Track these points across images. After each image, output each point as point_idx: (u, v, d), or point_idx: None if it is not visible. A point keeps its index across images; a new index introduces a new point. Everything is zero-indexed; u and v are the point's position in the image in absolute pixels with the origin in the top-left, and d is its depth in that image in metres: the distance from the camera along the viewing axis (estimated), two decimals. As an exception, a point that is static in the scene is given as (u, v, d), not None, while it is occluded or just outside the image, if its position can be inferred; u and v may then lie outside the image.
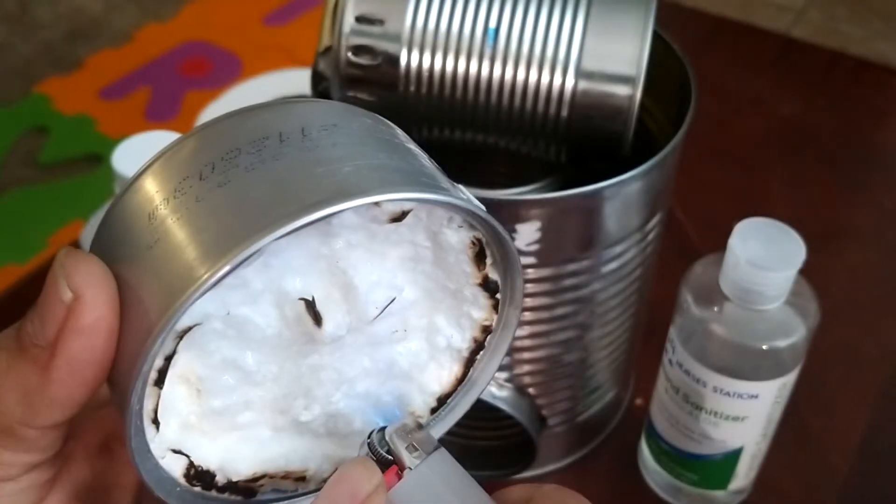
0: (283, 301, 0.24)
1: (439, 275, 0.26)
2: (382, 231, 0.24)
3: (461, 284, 0.26)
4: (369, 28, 0.42)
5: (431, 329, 0.27)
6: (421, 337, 0.27)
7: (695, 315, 0.46)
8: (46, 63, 1.71)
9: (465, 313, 0.27)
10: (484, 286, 0.26)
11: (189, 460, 0.25)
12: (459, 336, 0.27)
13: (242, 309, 0.23)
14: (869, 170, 0.80)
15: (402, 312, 0.26)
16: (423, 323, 0.27)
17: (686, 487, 0.52)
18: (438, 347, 0.27)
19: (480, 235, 0.25)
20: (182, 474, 0.25)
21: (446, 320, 0.27)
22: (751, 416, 0.47)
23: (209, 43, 1.76)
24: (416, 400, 0.27)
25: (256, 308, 0.24)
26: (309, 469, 0.27)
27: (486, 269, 0.26)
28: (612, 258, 0.45)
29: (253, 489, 0.26)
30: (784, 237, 0.44)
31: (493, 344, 0.27)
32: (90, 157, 1.50)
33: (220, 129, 0.23)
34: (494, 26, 0.42)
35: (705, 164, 0.75)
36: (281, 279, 0.23)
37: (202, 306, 0.22)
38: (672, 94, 0.47)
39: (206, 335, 0.23)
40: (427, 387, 0.27)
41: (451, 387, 0.27)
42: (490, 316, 0.27)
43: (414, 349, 0.27)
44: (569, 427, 0.54)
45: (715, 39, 0.93)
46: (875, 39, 1.55)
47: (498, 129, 0.44)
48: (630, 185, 0.41)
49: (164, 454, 0.24)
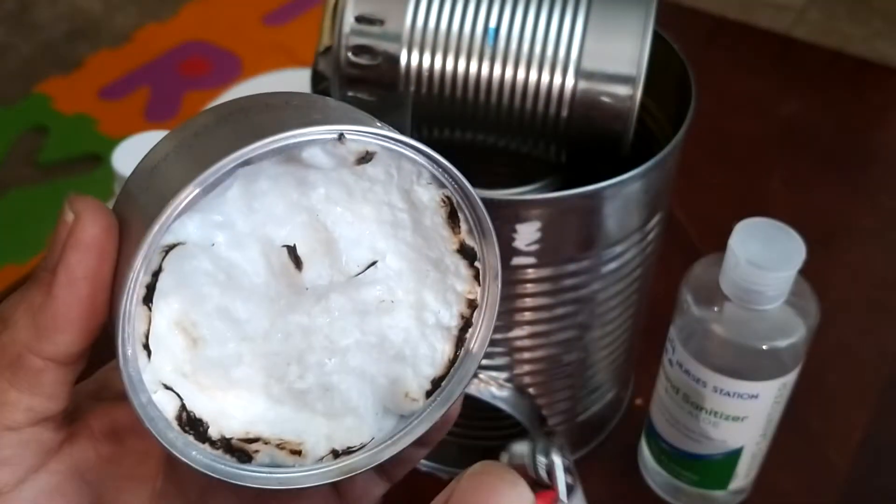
0: (268, 250, 0.26)
1: (420, 243, 0.27)
2: (358, 188, 0.26)
3: (441, 252, 0.27)
4: (369, 28, 0.42)
5: (419, 305, 0.28)
6: (409, 314, 0.28)
7: (695, 315, 0.46)
8: (46, 63, 1.71)
9: (450, 287, 0.27)
10: (462, 253, 0.27)
11: (181, 402, 0.25)
12: (447, 312, 0.28)
13: (231, 253, 0.25)
14: (869, 170, 0.80)
15: (387, 282, 0.27)
16: (410, 299, 0.27)
17: (686, 487, 0.52)
18: (427, 324, 0.28)
19: (449, 194, 0.27)
20: (174, 416, 0.25)
21: (433, 295, 0.28)
22: (751, 416, 0.47)
23: (209, 43, 1.76)
24: (412, 383, 0.28)
25: (244, 254, 0.25)
26: (305, 443, 0.27)
27: (461, 234, 0.27)
28: (612, 258, 0.45)
29: (247, 452, 0.26)
30: (784, 237, 0.44)
31: (481, 321, 0.28)
32: (90, 156, 1.50)
33: (225, 104, 0.27)
34: (494, 26, 0.42)
35: (705, 164, 0.75)
36: (265, 226, 0.25)
37: (185, 227, 0.24)
38: (672, 94, 0.47)
39: (196, 275, 0.25)
40: (420, 369, 0.28)
41: (444, 369, 0.28)
42: (473, 288, 0.27)
43: (403, 325, 0.27)
44: (569, 427, 0.54)
45: (715, 39, 0.93)
46: (875, 39, 1.55)
47: (498, 129, 0.44)
48: (630, 185, 0.41)
49: (157, 388, 0.25)
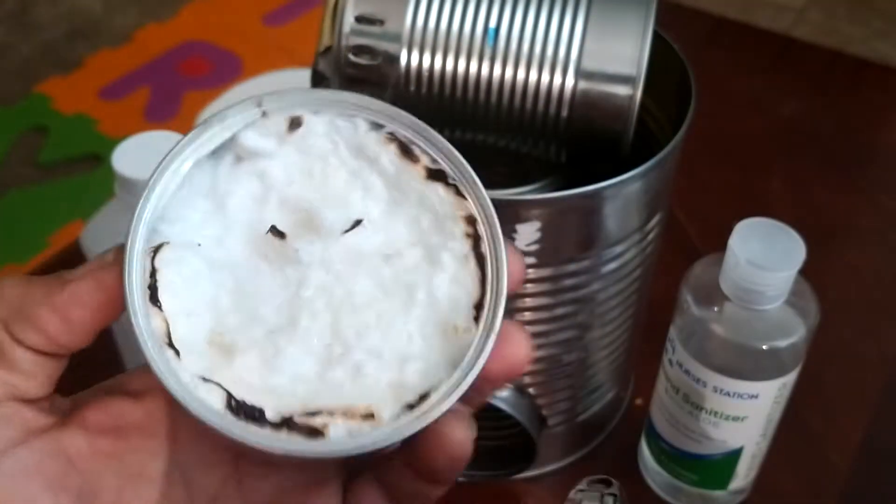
0: (254, 239, 0.27)
1: (395, 194, 0.27)
2: (316, 167, 0.27)
3: (415, 189, 0.27)
4: (369, 28, 0.42)
5: (427, 249, 0.27)
6: (421, 258, 0.27)
7: (695, 315, 0.46)
8: (46, 63, 1.71)
9: (441, 216, 0.27)
10: (432, 177, 0.27)
11: (226, 392, 0.25)
12: (455, 242, 0.27)
13: (220, 252, 0.26)
14: (869, 170, 0.80)
15: (386, 236, 0.27)
16: (415, 251, 0.27)
17: (686, 487, 0.52)
18: (442, 262, 0.27)
19: (391, 130, 0.27)
20: (224, 406, 0.25)
21: (434, 234, 0.27)
22: (751, 416, 0.47)
23: (209, 43, 1.76)
24: (455, 315, 0.26)
25: (231, 250, 0.27)
26: (373, 405, 0.25)
27: (421, 161, 0.27)
28: (612, 258, 0.45)
29: (315, 427, 0.25)
30: (784, 237, 0.44)
31: (486, 230, 0.27)
32: (90, 156, 1.50)
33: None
34: (494, 26, 0.42)
35: (705, 164, 0.75)
36: (241, 221, 0.27)
37: (163, 231, 0.26)
38: (672, 94, 0.47)
39: (202, 283, 0.26)
40: (458, 300, 0.27)
41: (479, 289, 0.27)
42: (461, 203, 0.27)
43: (419, 268, 0.27)
44: (569, 427, 0.54)
45: (715, 39, 0.93)
46: (875, 39, 1.55)
47: (498, 128, 0.44)
48: (630, 185, 0.41)
49: (196, 383, 0.25)
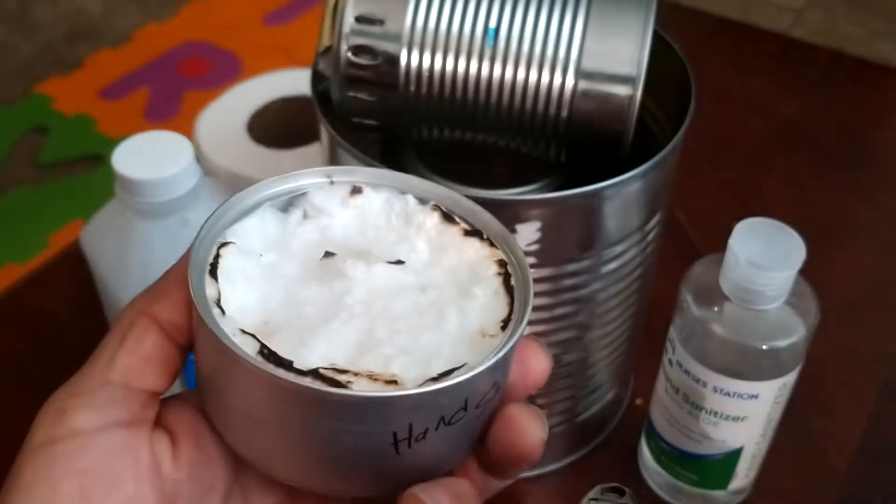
0: (308, 265, 0.29)
1: (437, 250, 0.30)
2: (370, 230, 0.31)
3: (456, 245, 0.30)
4: (369, 28, 0.42)
5: (460, 287, 0.29)
6: (455, 293, 0.29)
7: (695, 315, 0.46)
8: (46, 63, 1.71)
9: (476, 263, 0.30)
10: (469, 234, 0.30)
11: (261, 343, 0.26)
12: (486, 281, 0.29)
13: (273, 268, 0.29)
14: (869, 170, 0.80)
15: (425, 277, 0.29)
16: (451, 290, 0.29)
17: (686, 487, 0.52)
18: (474, 294, 0.29)
19: (436, 202, 0.31)
20: (256, 353, 0.26)
21: (468, 278, 0.29)
22: (751, 415, 0.47)
23: (209, 43, 1.76)
24: (488, 327, 0.28)
25: (283, 270, 0.29)
26: (398, 374, 0.26)
27: (460, 224, 0.31)
28: (612, 258, 0.45)
29: (340, 382, 0.25)
30: (784, 237, 0.44)
31: (518, 272, 0.29)
32: (90, 157, 1.50)
33: None
34: (494, 26, 0.42)
35: (705, 164, 0.75)
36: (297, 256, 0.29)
37: (237, 234, 0.29)
38: (672, 94, 0.47)
39: (249, 274, 0.28)
40: (487, 319, 0.28)
41: (507, 310, 0.28)
42: (493, 251, 0.30)
43: (451, 297, 0.29)
44: (569, 427, 0.54)
45: (715, 39, 0.93)
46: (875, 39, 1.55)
47: (498, 129, 0.44)
48: (630, 185, 0.41)
49: (234, 332, 0.26)
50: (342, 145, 0.42)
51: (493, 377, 0.27)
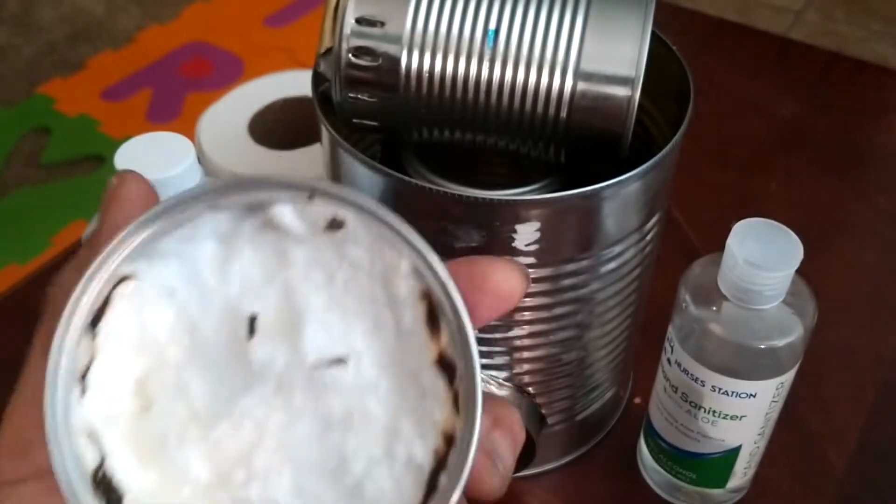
0: (232, 317, 0.25)
1: (400, 352, 0.24)
2: (340, 274, 0.24)
3: (419, 363, 0.24)
4: (370, 30, 0.42)
5: (392, 431, 0.24)
6: (379, 439, 0.24)
7: (693, 314, 0.47)
8: (49, 64, 1.71)
9: (428, 412, 0.24)
10: (441, 365, 0.24)
11: (101, 460, 0.23)
12: (421, 447, 0.24)
13: (194, 310, 0.24)
14: (867, 170, 0.80)
15: (361, 390, 0.24)
16: (383, 420, 0.24)
17: (684, 486, 0.53)
18: (398, 459, 0.24)
19: (429, 288, 0.24)
20: (91, 472, 0.22)
21: (409, 422, 0.24)
22: (749, 414, 0.48)
23: (210, 44, 1.76)
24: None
25: (207, 314, 0.25)
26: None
27: (441, 340, 0.24)
28: (611, 258, 0.45)
29: None
30: (782, 237, 0.44)
31: (457, 464, 0.23)
32: (92, 157, 1.51)
33: None
34: (494, 28, 0.42)
35: (704, 165, 0.75)
36: (235, 290, 0.25)
37: (137, 262, 0.24)
38: (671, 95, 0.47)
39: (159, 328, 0.24)
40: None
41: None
42: (451, 419, 0.24)
43: (369, 453, 0.24)
44: (568, 426, 0.54)
45: (713, 41, 0.93)
46: (873, 40, 1.55)
47: (498, 129, 0.44)
48: (629, 186, 0.42)
49: (81, 434, 0.23)
50: (343, 146, 0.43)
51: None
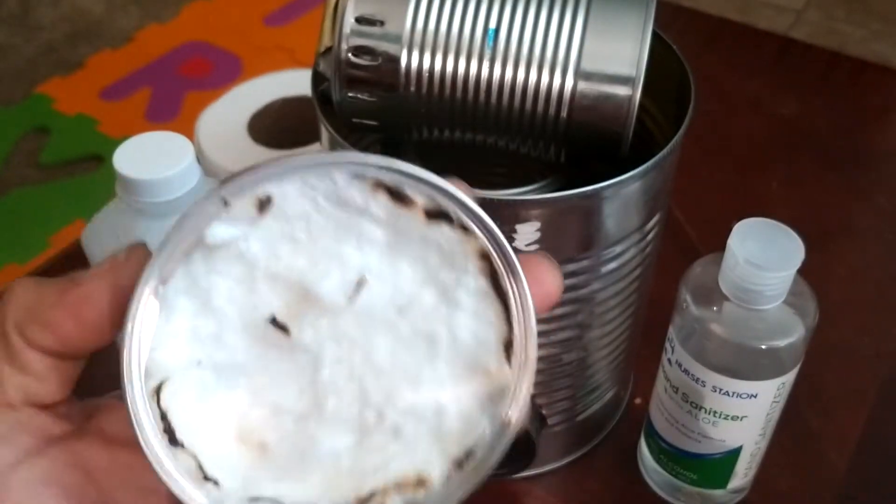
0: (253, 328, 0.25)
1: (394, 238, 0.25)
2: (285, 233, 0.24)
3: (418, 232, 0.24)
4: (370, 29, 0.42)
5: (439, 286, 0.25)
6: (435, 299, 0.25)
7: (694, 315, 0.47)
8: (48, 64, 1.71)
9: (449, 252, 0.24)
10: (434, 216, 0.24)
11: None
12: (469, 278, 0.25)
13: (218, 354, 0.24)
14: (868, 170, 0.80)
15: (393, 283, 0.25)
16: (429, 294, 0.25)
17: (685, 486, 0.53)
18: (459, 301, 0.25)
19: (376, 177, 0.24)
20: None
21: (443, 268, 0.25)
22: (750, 415, 0.48)
23: (209, 44, 1.76)
24: (486, 357, 0.25)
25: (229, 348, 0.25)
26: (423, 471, 0.25)
27: (417, 203, 0.24)
28: (612, 258, 0.45)
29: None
30: (783, 237, 0.44)
31: (504, 267, 0.25)
32: (91, 157, 1.51)
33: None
34: (494, 27, 0.42)
35: (705, 165, 0.75)
36: (232, 316, 0.24)
37: (159, 359, 0.24)
38: (671, 94, 0.47)
39: (201, 391, 0.24)
40: (484, 339, 0.25)
41: (506, 327, 0.25)
42: (469, 238, 0.24)
43: (434, 309, 0.25)
44: (569, 426, 0.54)
45: (714, 40, 0.93)
46: (874, 40, 1.55)
47: (497, 129, 0.44)
48: (629, 186, 0.42)
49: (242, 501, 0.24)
50: (342, 146, 0.43)
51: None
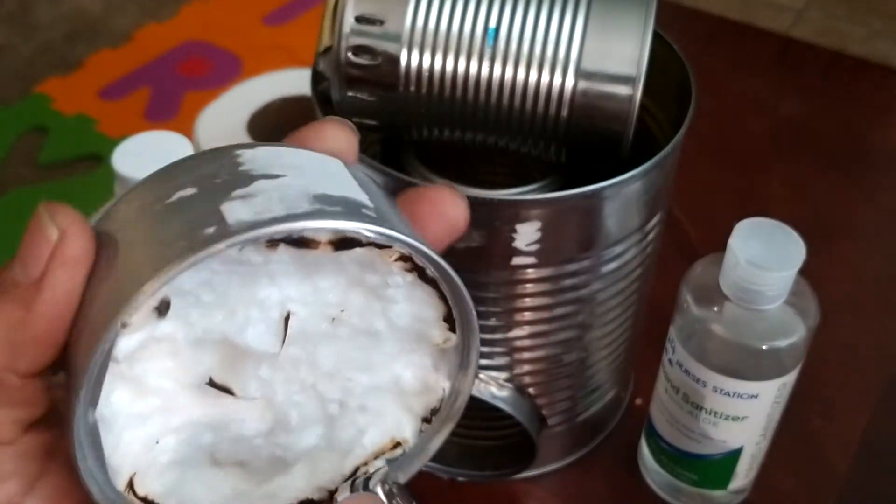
0: (198, 389, 0.25)
1: (305, 268, 0.24)
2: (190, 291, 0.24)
3: (327, 259, 0.24)
4: (369, 28, 0.42)
5: (366, 286, 0.25)
6: (364, 298, 0.25)
7: (695, 315, 0.46)
8: (46, 63, 1.71)
9: (366, 263, 0.25)
10: (341, 245, 0.23)
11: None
12: (395, 277, 0.25)
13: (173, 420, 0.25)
14: (869, 170, 0.80)
15: (316, 301, 0.25)
16: (358, 294, 0.25)
17: (686, 487, 0.52)
18: (389, 295, 0.26)
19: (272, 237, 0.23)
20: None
21: (366, 272, 0.25)
22: (750, 415, 0.47)
23: (209, 43, 1.76)
24: (432, 329, 0.26)
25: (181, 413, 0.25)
26: (395, 436, 0.27)
27: (321, 240, 0.23)
28: (612, 258, 0.45)
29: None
30: (784, 237, 0.44)
31: (429, 264, 0.25)
32: (90, 157, 1.50)
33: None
34: (494, 26, 0.42)
35: (705, 164, 0.75)
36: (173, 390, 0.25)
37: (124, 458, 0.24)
38: (672, 94, 0.47)
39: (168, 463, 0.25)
40: (424, 317, 0.26)
41: (443, 305, 0.26)
42: (384, 252, 0.24)
43: (366, 307, 0.25)
44: (569, 427, 0.54)
45: (715, 39, 0.93)
46: (875, 39, 1.55)
47: (498, 129, 0.44)
48: (630, 185, 0.41)
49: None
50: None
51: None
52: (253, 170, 0.23)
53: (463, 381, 0.27)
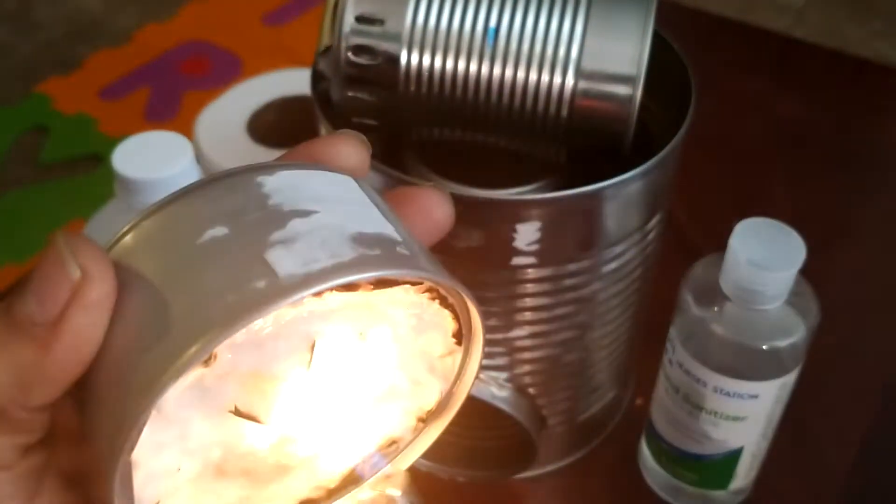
0: (218, 416, 0.24)
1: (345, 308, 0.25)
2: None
3: (363, 298, 0.24)
4: (369, 28, 0.42)
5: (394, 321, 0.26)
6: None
7: (695, 315, 0.46)
8: (47, 63, 1.71)
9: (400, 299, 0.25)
10: (379, 285, 0.24)
11: None
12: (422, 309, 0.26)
13: (187, 445, 0.24)
14: (869, 170, 0.80)
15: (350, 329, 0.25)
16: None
17: (686, 487, 0.52)
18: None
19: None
20: None
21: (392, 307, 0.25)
22: (751, 416, 0.47)
23: (209, 43, 1.76)
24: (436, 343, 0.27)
25: (191, 437, 0.24)
26: (391, 436, 0.27)
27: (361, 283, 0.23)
28: (613, 258, 0.45)
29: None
30: (784, 237, 0.44)
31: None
32: (90, 156, 1.50)
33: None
34: (494, 26, 0.42)
35: (705, 164, 0.75)
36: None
37: (148, 490, 0.24)
38: (672, 94, 0.47)
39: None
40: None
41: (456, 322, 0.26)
42: (414, 289, 0.25)
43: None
44: (569, 427, 0.54)
45: (715, 39, 0.93)
46: (875, 39, 1.55)
47: (498, 128, 0.44)
48: (630, 185, 0.41)
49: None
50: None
51: None
52: (282, 204, 0.23)
53: (460, 384, 0.28)
